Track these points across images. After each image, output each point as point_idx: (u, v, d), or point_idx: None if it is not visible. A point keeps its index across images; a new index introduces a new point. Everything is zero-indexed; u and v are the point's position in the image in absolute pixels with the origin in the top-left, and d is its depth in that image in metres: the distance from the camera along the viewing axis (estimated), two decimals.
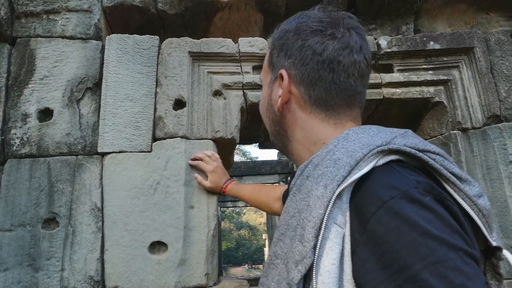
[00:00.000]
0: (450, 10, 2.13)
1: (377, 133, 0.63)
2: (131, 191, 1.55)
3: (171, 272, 1.49)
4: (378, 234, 0.50)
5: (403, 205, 0.50)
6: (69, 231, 1.51)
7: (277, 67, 0.77)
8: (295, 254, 0.56)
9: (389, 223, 0.49)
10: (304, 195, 0.60)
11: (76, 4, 1.79)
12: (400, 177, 0.54)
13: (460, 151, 1.77)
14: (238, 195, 1.59)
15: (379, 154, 0.57)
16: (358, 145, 0.59)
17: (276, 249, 0.61)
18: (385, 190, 0.52)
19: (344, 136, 0.65)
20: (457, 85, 1.83)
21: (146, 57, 1.71)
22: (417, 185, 0.52)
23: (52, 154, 1.60)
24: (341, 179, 0.56)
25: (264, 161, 9.64)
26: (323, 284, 0.52)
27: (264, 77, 0.84)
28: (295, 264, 0.55)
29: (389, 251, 0.48)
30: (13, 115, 1.63)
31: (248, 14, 2.00)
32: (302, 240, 0.55)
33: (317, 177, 0.60)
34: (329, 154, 0.62)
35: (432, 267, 0.45)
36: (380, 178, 0.55)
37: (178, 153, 1.60)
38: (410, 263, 0.46)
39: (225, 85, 1.74)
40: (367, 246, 0.51)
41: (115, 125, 1.61)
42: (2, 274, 1.44)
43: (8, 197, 1.52)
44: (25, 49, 1.71)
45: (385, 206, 0.51)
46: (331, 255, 0.53)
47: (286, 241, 0.59)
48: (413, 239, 0.47)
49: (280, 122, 0.79)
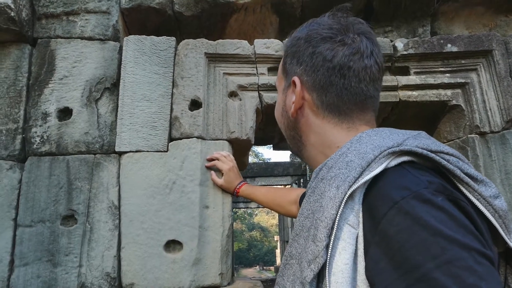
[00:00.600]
0: (467, 12, 2.10)
1: (389, 135, 0.64)
2: (147, 190, 1.58)
3: (186, 271, 1.50)
4: (389, 234, 0.50)
5: (414, 205, 0.50)
6: (87, 228, 1.54)
7: (290, 74, 0.79)
8: (308, 253, 0.57)
9: (401, 223, 0.50)
10: (317, 197, 0.62)
11: (95, 6, 1.82)
12: (411, 178, 0.55)
13: (478, 155, 1.75)
14: (252, 196, 1.61)
15: (390, 155, 0.58)
16: (370, 147, 0.60)
17: (291, 250, 0.63)
18: (397, 191, 0.53)
19: (357, 138, 0.66)
20: (475, 88, 1.81)
21: (163, 58, 1.73)
22: (429, 185, 0.53)
23: (71, 153, 1.64)
24: (352, 180, 0.57)
25: (276, 163, 9.64)
26: (336, 283, 0.52)
27: (278, 83, 0.86)
28: (308, 263, 0.56)
29: (400, 250, 0.49)
30: (33, 114, 1.67)
31: (263, 16, 2.01)
32: (315, 240, 0.56)
33: (330, 179, 0.61)
34: (342, 156, 0.64)
35: (444, 267, 0.45)
36: (392, 179, 0.56)
37: (194, 153, 1.62)
38: (422, 263, 0.46)
39: (240, 86, 1.75)
40: (379, 246, 0.51)
41: (132, 125, 1.64)
42: (22, 268, 1.48)
43: (28, 194, 1.56)
44: (46, 50, 1.75)
45: (397, 206, 0.51)
46: (344, 255, 0.54)
47: (300, 241, 0.61)
48: (424, 238, 0.47)
49: (294, 127, 0.81)
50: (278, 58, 1.75)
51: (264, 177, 9.36)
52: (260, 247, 31.24)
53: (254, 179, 9.23)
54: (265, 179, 9.45)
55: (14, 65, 1.70)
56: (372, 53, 0.72)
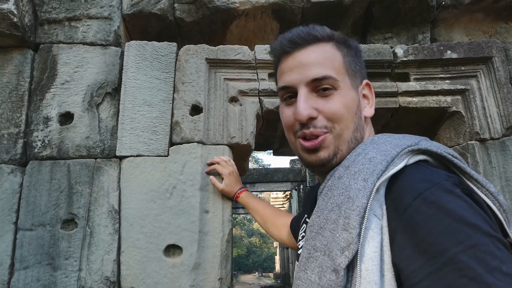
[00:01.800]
0: (467, 19, 2.12)
1: (402, 137, 0.69)
2: (147, 194, 1.58)
3: (186, 276, 1.50)
4: (415, 221, 0.54)
5: (438, 195, 0.55)
6: (87, 232, 1.54)
7: (357, 76, 0.81)
8: (340, 241, 0.59)
9: (426, 212, 0.53)
10: (342, 191, 0.64)
11: (96, 12, 1.84)
12: (432, 172, 0.60)
13: (478, 162, 1.75)
14: (250, 206, 1.58)
15: (410, 153, 0.64)
16: (390, 146, 0.66)
17: (315, 243, 0.64)
18: (420, 183, 0.57)
19: (371, 141, 0.72)
20: (475, 95, 1.81)
21: (164, 64, 1.74)
22: (448, 178, 0.58)
23: (72, 157, 1.64)
24: (379, 173, 0.61)
25: (276, 169, 9.62)
26: (366, 271, 0.56)
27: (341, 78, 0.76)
28: (341, 251, 0.58)
29: (427, 237, 0.52)
30: (35, 118, 1.68)
31: (264, 22, 2.03)
32: (347, 228, 0.59)
33: (353, 174, 0.65)
34: (360, 155, 0.68)
35: (469, 251, 0.48)
36: (414, 173, 0.61)
37: (194, 158, 1.63)
38: (448, 247, 0.50)
39: (241, 92, 1.76)
40: (405, 233, 0.55)
41: (133, 130, 1.65)
42: (22, 272, 1.48)
43: (29, 198, 1.56)
44: (48, 55, 1.76)
45: (422, 196, 0.55)
46: (372, 243, 0.57)
47: (325, 234, 0.63)
48: (449, 225, 0.51)
49: (363, 128, 0.80)
50: None
51: (264, 183, 9.34)
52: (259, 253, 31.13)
53: (254, 185, 9.21)
54: (265, 185, 9.43)
55: (16, 70, 1.72)
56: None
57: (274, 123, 1.94)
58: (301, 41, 0.77)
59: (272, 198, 13.86)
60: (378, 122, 1.94)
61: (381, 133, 0.75)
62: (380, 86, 1.79)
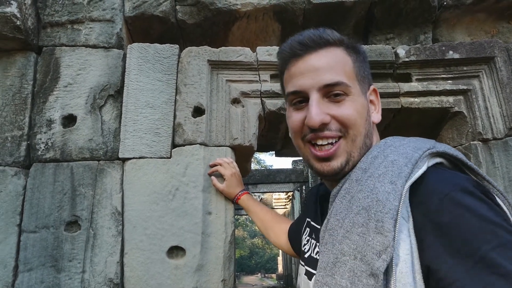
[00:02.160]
0: (469, 19, 2.11)
1: (416, 140, 0.71)
2: (150, 196, 1.59)
3: (189, 277, 1.51)
4: (444, 222, 0.55)
5: (463, 196, 0.56)
6: (90, 234, 1.55)
7: (366, 82, 0.81)
8: (374, 245, 0.59)
9: (453, 212, 0.55)
10: (367, 193, 0.64)
11: (99, 14, 1.85)
12: (452, 175, 0.62)
13: (481, 162, 1.74)
14: (249, 209, 1.57)
15: (429, 156, 0.65)
16: (410, 148, 0.66)
17: (343, 247, 0.63)
18: (444, 185, 0.59)
19: (384, 144, 0.72)
20: (477, 95, 1.81)
21: (166, 66, 1.75)
22: (468, 180, 0.60)
23: (75, 159, 1.65)
24: (407, 176, 0.62)
25: (279, 170, 9.61)
26: (401, 273, 0.56)
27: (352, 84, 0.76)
28: (378, 255, 0.58)
29: (457, 236, 0.54)
30: (38, 121, 1.69)
31: (266, 23, 2.03)
32: (381, 231, 0.58)
33: (378, 176, 0.64)
34: (378, 158, 0.68)
35: (499, 249, 0.50)
36: (436, 176, 0.62)
37: (197, 160, 1.63)
38: (479, 246, 0.51)
39: (243, 93, 1.76)
40: (435, 234, 0.56)
41: (135, 132, 1.65)
42: (26, 274, 1.49)
43: (33, 200, 1.57)
44: (50, 58, 1.77)
45: (448, 197, 0.57)
46: (404, 246, 0.58)
47: (353, 238, 0.62)
48: (477, 224, 0.53)
49: (371, 135, 0.79)
50: None
51: (266, 184, 9.33)
52: (262, 254, 31.06)
53: (256, 186, 9.21)
54: (267, 186, 9.42)
55: (19, 73, 1.73)
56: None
57: (276, 125, 1.94)
58: (313, 44, 0.75)
59: (275, 199, 13.84)
60: (381, 123, 1.94)
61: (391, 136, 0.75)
62: (382, 87, 1.79)
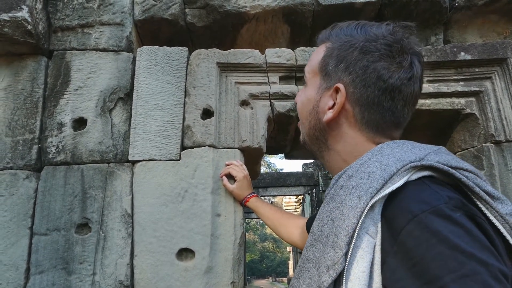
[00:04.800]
0: (481, 20, 2.09)
1: (411, 148, 0.65)
2: (160, 198, 1.59)
3: (198, 279, 1.50)
4: (408, 246, 0.52)
5: (433, 220, 0.51)
6: (100, 236, 1.56)
7: (332, 78, 0.76)
8: (327, 259, 0.58)
9: (419, 236, 0.51)
10: (338, 204, 0.63)
11: (109, 18, 1.86)
12: (431, 193, 0.56)
13: (493, 164, 1.72)
14: (259, 209, 1.57)
15: (412, 169, 0.59)
16: (392, 160, 0.61)
17: (309, 254, 0.64)
18: (416, 204, 0.54)
19: (378, 149, 0.67)
20: (489, 97, 1.78)
21: (175, 68, 1.75)
22: (448, 200, 0.54)
23: (85, 162, 1.66)
24: (374, 192, 0.58)
25: (289, 173, 9.58)
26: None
27: (311, 76, 0.82)
28: (327, 269, 0.58)
29: (419, 263, 0.50)
30: (49, 124, 1.70)
31: (275, 25, 2.03)
32: (334, 246, 0.58)
33: (351, 188, 0.62)
34: (363, 166, 0.65)
35: (461, 281, 0.46)
36: (412, 192, 0.57)
37: (206, 162, 1.63)
38: (440, 276, 0.48)
39: (252, 95, 1.76)
40: (397, 257, 0.53)
41: (145, 134, 1.66)
42: (38, 276, 1.50)
43: (44, 203, 1.58)
44: (61, 62, 1.79)
45: (416, 219, 0.52)
46: (361, 263, 0.55)
47: (318, 246, 0.62)
48: (442, 252, 0.49)
49: (322, 130, 0.79)
50: (289, 67, 1.76)
51: (276, 187, 9.30)
52: (272, 258, 30.93)
53: (266, 189, 9.18)
54: (278, 189, 9.39)
55: (30, 77, 1.75)
56: (421, 77, 0.73)
57: (286, 126, 1.93)
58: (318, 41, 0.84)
59: (285, 203, 13.80)
60: None
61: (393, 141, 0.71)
62: None
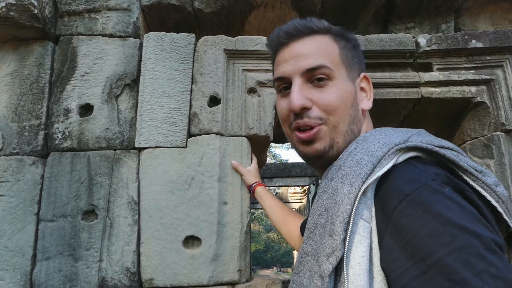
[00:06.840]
0: (493, 8, 2.05)
1: (394, 133, 0.67)
2: (166, 185, 1.58)
3: (205, 267, 1.50)
4: (402, 224, 0.53)
5: (425, 196, 0.53)
6: (107, 223, 1.55)
7: (354, 69, 0.79)
8: (325, 248, 0.59)
9: (412, 214, 0.52)
10: (330, 195, 0.64)
11: (116, 3, 1.84)
12: (419, 171, 0.58)
13: (504, 153, 1.69)
14: (264, 200, 1.53)
15: (398, 152, 0.61)
16: (378, 145, 0.64)
17: (306, 247, 0.65)
18: (407, 184, 0.56)
19: (362, 138, 0.70)
20: (500, 85, 1.76)
21: (182, 55, 1.73)
22: (436, 177, 0.56)
23: (92, 148, 1.65)
24: (365, 177, 0.60)
25: (294, 163, 9.52)
26: (354, 276, 0.55)
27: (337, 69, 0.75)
28: (326, 257, 0.58)
29: (413, 239, 0.51)
30: (56, 110, 1.69)
31: (283, 12, 2.00)
32: (332, 234, 0.59)
33: (341, 177, 0.63)
34: (350, 156, 0.66)
35: (455, 253, 0.47)
36: (401, 173, 0.59)
37: (213, 149, 1.62)
38: (434, 250, 0.48)
39: (259, 83, 1.74)
40: (392, 236, 0.54)
41: (151, 121, 1.65)
42: (44, 262, 1.50)
43: (50, 189, 1.58)
44: (68, 47, 1.77)
45: (408, 198, 0.54)
46: (360, 248, 0.57)
47: (315, 238, 0.63)
48: (435, 227, 0.50)
49: (359, 121, 0.78)
50: None
51: (281, 177, 9.26)
52: (277, 248, 31.04)
53: (271, 180, 9.15)
54: (283, 180, 9.36)
55: (37, 62, 1.73)
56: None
57: None
58: (298, 32, 0.76)
59: (290, 193, 13.79)
60: (400, 113, 1.90)
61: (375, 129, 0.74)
62: (401, 76, 1.75)
